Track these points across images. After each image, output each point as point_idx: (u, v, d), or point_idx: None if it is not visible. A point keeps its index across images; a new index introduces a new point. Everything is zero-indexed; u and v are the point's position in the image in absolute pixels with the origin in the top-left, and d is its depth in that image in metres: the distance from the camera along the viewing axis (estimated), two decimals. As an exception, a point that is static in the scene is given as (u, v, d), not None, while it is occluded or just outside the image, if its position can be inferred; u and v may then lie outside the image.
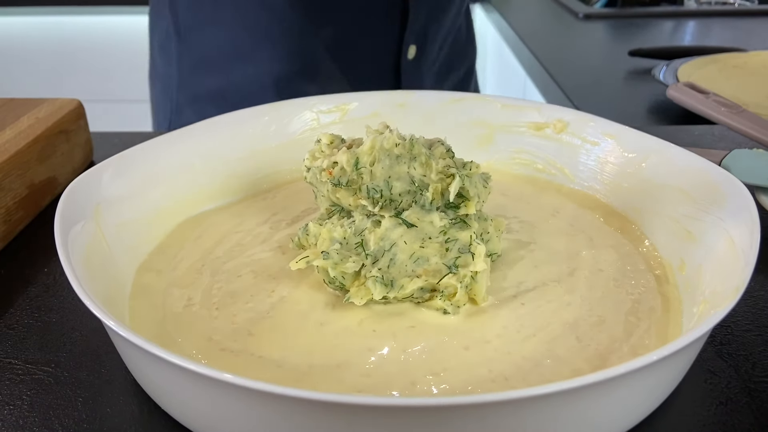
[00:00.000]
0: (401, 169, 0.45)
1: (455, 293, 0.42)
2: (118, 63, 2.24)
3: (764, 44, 1.23)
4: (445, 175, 0.45)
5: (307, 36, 0.90)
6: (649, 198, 0.52)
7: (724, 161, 0.54)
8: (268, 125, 0.61)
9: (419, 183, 0.45)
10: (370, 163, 0.44)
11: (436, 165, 0.44)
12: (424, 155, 0.44)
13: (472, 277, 0.43)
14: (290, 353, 0.39)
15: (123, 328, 0.33)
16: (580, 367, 0.38)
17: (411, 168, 0.45)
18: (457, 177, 0.44)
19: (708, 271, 0.42)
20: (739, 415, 0.37)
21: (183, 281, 0.46)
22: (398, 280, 0.43)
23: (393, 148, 0.44)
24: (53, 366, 0.41)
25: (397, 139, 0.45)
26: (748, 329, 0.44)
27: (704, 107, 0.73)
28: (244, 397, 0.31)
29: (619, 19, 1.58)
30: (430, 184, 0.44)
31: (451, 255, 0.44)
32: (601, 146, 0.57)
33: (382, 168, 0.44)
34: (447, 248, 0.44)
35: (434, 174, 0.44)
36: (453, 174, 0.44)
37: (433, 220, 0.44)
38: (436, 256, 0.44)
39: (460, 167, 0.45)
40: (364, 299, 0.42)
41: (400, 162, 0.45)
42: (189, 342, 0.40)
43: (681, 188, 0.49)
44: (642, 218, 0.52)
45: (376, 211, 0.45)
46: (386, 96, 0.64)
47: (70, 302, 0.47)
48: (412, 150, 0.44)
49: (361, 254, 0.44)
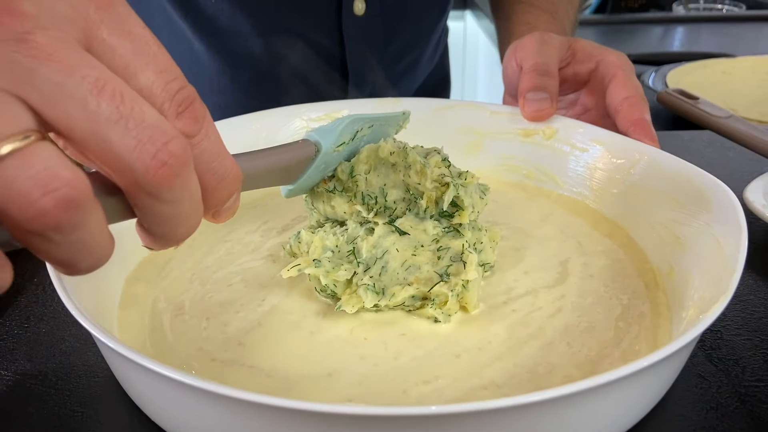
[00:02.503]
0: (396, 177, 0.45)
1: (446, 301, 0.42)
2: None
3: (752, 50, 1.24)
4: (440, 183, 0.45)
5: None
6: (637, 204, 0.52)
7: None
8: (259, 133, 0.61)
9: (414, 191, 0.45)
10: (365, 171, 0.45)
11: (431, 173, 0.45)
12: (419, 163, 0.44)
13: (464, 285, 0.43)
14: (281, 363, 0.39)
15: (111, 339, 0.32)
16: (571, 373, 0.38)
17: (406, 176, 0.45)
18: (451, 186, 0.44)
19: (697, 276, 0.42)
20: (729, 419, 0.37)
21: (173, 291, 0.46)
22: (390, 288, 0.43)
23: (388, 156, 0.45)
24: (43, 377, 0.41)
25: (392, 147, 0.45)
26: (738, 333, 0.44)
27: (693, 113, 0.74)
28: (234, 408, 0.31)
29: (609, 26, 1.59)
30: (425, 192, 0.44)
31: (443, 263, 0.44)
32: (590, 152, 0.57)
33: (378, 176, 0.45)
34: (439, 256, 0.44)
35: (429, 182, 0.44)
36: (448, 183, 0.44)
37: (426, 228, 0.44)
38: (428, 264, 0.44)
39: (455, 176, 0.45)
40: (355, 307, 0.42)
41: (395, 170, 0.45)
42: (179, 352, 0.40)
43: (669, 194, 0.49)
44: (631, 224, 0.52)
45: (370, 218, 0.45)
46: (376, 104, 0.64)
47: (59, 312, 0.47)
48: (407, 158, 0.45)
49: (353, 262, 0.44)
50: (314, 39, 0.79)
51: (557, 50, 0.61)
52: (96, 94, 0.24)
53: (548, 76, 0.58)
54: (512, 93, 0.64)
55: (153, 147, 0.25)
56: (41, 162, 0.23)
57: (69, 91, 0.24)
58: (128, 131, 0.25)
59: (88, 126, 0.24)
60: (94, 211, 0.25)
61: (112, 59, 0.26)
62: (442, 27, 0.94)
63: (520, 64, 0.61)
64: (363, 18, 0.79)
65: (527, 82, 0.58)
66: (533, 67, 0.59)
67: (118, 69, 0.26)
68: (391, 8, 0.81)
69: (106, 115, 0.24)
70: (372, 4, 0.79)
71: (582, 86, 0.63)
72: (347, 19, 0.79)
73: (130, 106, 0.25)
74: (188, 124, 0.27)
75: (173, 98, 0.27)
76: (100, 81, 0.24)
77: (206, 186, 0.29)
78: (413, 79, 0.92)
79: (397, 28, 0.83)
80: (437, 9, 0.88)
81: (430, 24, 0.89)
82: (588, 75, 0.62)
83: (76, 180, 0.24)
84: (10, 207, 0.23)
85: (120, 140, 0.25)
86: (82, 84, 0.24)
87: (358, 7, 0.79)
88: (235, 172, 0.30)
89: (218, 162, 0.29)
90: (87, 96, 0.24)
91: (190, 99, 0.28)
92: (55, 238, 0.24)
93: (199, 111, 0.28)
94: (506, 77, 0.65)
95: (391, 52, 0.85)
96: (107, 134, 0.24)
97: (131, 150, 0.25)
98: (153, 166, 0.25)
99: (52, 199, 0.23)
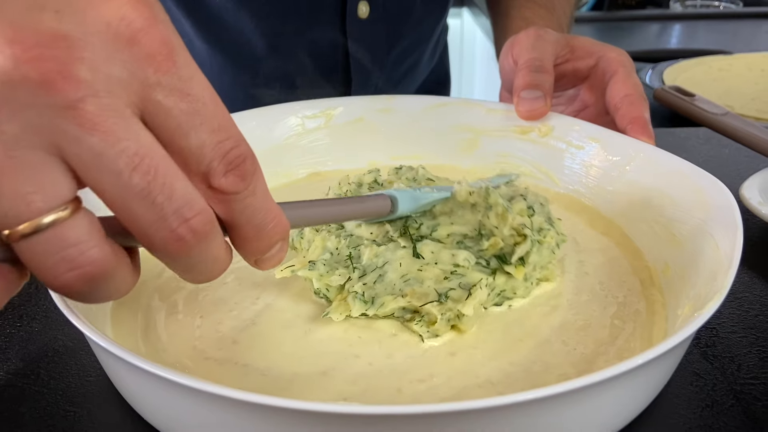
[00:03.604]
0: (473, 216, 0.44)
1: (435, 321, 0.40)
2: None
3: (749, 47, 1.24)
4: (517, 233, 0.42)
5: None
6: (633, 201, 0.52)
7: None
8: (253, 130, 0.60)
9: (487, 232, 0.43)
10: (440, 213, 0.44)
11: (512, 221, 0.42)
12: (501, 206, 0.43)
13: (458, 316, 0.40)
14: (275, 361, 0.39)
15: (103, 338, 0.32)
16: (566, 371, 0.38)
17: (485, 216, 0.43)
18: (528, 241, 0.42)
19: (692, 273, 0.42)
20: (725, 417, 0.37)
21: (166, 289, 0.46)
22: (381, 297, 0.41)
23: (467, 198, 0.44)
24: (35, 376, 0.41)
25: (468, 188, 0.44)
26: (734, 331, 0.44)
27: (690, 110, 0.73)
28: (228, 408, 0.31)
29: (606, 23, 1.59)
30: (494, 237, 0.43)
31: (448, 285, 0.41)
32: (586, 150, 0.57)
33: (452, 221, 0.44)
34: (446, 277, 0.42)
35: (507, 229, 0.42)
36: (525, 235, 0.42)
37: (457, 257, 0.42)
38: (432, 280, 0.42)
39: (535, 231, 0.43)
40: (342, 315, 0.41)
41: (473, 210, 0.44)
42: (172, 351, 0.40)
43: (665, 191, 0.49)
44: (627, 221, 0.52)
45: (395, 237, 0.44)
46: (371, 101, 0.64)
47: (52, 311, 0.47)
48: (488, 199, 0.43)
49: (349, 267, 0.43)
50: (317, 41, 0.79)
51: (553, 45, 0.60)
52: (132, 168, 0.25)
53: (543, 72, 0.58)
54: (509, 88, 0.64)
55: (175, 222, 0.26)
56: (75, 237, 0.25)
57: (107, 163, 0.25)
58: (153, 206, 0.26)
59: (118, 196, 0.25)
60: (118, 276, 0.27)
61: (165, 120, 0.26)
62: (442, 26, 0.93)
63: (515, 60, 0.61)
64: (366, 21, 0.79)
65: (521, 79, 0.58)
66: (528, 63, 0.58)
67: (170, 129, 0.26)
68: (394, 11, 0.81)
69: (137, 189, 0.25)
70: (376, 7, 0.79)
71: (581, 82, 0.63)
72: (351, 22, 0.78)
73: (162, 181, 0.25)
74: (233, 182, 0.28)
75: (224, 157, 0.27)
76: (138, 156, 0.25)
77: (245, 236, 0.30)
78: (414, 79, 0.92)
79: (400, 31, 0.83)
80: (438, 10, 0.88)
81: (432, 25, 0.89)
82: (588, 71, 0.61)
83: (102, 260, 0.26)
84: (38, 273, 0.25)
85: (144, 214, 0.26)
86: (120, 156, 0.25)
87: (361, 11, 0.78)
88: (280, 224, 0.31)
89: (261, 216, 0.30)
90: (123, 169, 0.25)
91: (241, 158, 0.28)
92: (75, 298, 0.27)
93: (248, 169, 0.28)
94: (503, 73, 0.65)
95: (394, 54, 0.84)
96: (133, 206, 0.25)
97: (151, 223, 0.26)
98: (171, 239, 0.26)
99: (76, 275, 0.25)
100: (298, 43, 0.79)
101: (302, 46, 0.79)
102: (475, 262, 0.42)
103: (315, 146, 0.63)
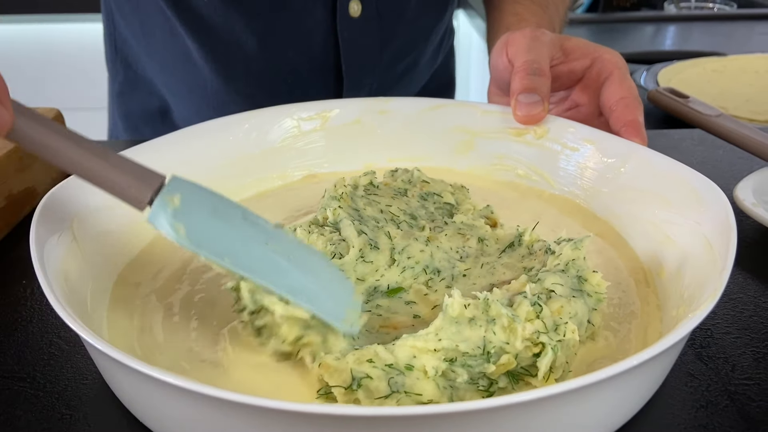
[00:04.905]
0: (475, 333, 0.36)
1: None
2: (99, 71, 2.21)
3: (743, 48, 1.24)
4: (532, 342, 0.36)
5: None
6: (628, 203, 0.52)
7: None
8: (249, 132, 0.60)
9: (497, 351, 0.35)
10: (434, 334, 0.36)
11: (523, 331, 0.35)
12: (506, 317, 0.36)
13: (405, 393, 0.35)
14: (271, 363, 0.39)
15: (99, 340, 0.32)
16: (561, 372, 0.38)
17: (489, 332, 0.36)
18: (550, 351, 0.35)
19: (687, 274, 0.42)
20: (719, 417, 0.37)
21: (162, 292, 0.46)
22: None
23: (462, 313, 0.36)
24: (31, 379, 0.41)
25: (462, 301, 0.36)
26: (728, 332, 0.44)
27: (684, 111, 0.74)
28: (225, 410, 0.31)
29: (600, 24, 1.60)
30: (509, 354, 0.35)
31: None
32: (581, 152, 0.57)
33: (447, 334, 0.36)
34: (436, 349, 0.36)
35: (520, 342, 0.35)
36: (543, 343, 0.35)
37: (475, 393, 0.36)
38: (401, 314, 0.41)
39: (551, 330, 0.36)
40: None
41: (472, 326, 0.36)
42: (168, 353, 0.40)
43: (660, 193, 0.49)
44: (622, 223, 0.52)
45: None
46: (367, 103, 0.64)
47: (48, 314, 0.47)
48: (488, 311, 0.36)
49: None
50: (308, 40, 0.79)
51: (549, 47, 0.60)
52: None
53: (540, 75, 0.58)
54: (500, 86, 0.64)
55: None
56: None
57: None
58: None
59: None
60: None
61: None
62: (442, 28, 0.93)
63: (511, 60, 0.61)
64: (358, 20, 0.79)
65: (519, 82, 0.58)
66: (524, 65, 0.58)
67: None
68: (387, 10, 0.80)
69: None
70: (368, 5, 0.78)
71: (575, 83, 0.63)
72: (342, 21, 0.78)
73: None
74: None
75: None
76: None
77: None
78: (412, 81, 0.91)
79: (393, 30, 0.83)
80: (434, 10, 0.87)
81: (428, 25, 0.88)
82: (583, 72, 0.62)
83: None
84: None
85: None
86: None
87: (353, 9, 0.78)
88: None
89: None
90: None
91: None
92: None
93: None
94: (495, 70, 0.64)
95: (388, 54, 0.84)
96: None
97: None
98: None
99: None
100: (289, 42, 0.78)
101: (293, 45, 0.79)
102: (469, 382, 0.36)
103: (311, 148, 0.63)
